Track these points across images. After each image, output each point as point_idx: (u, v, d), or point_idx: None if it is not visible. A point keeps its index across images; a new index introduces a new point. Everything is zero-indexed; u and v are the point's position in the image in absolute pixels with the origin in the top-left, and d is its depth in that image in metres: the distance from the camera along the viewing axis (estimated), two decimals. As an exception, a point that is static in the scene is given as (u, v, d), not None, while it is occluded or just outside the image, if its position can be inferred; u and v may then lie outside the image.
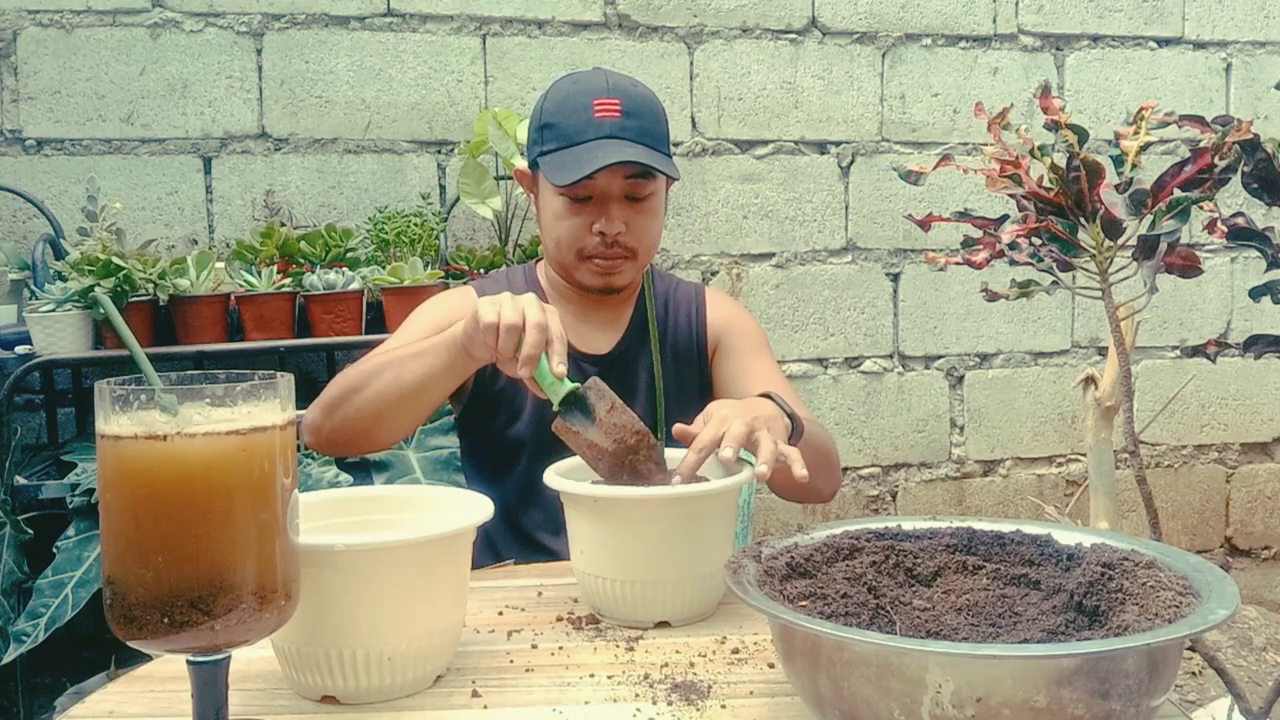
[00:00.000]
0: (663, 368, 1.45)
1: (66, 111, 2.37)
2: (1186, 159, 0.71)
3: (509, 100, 2.55)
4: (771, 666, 0.88)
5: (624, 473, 1.04)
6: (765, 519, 2.70)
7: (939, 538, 0.85)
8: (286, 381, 0.72)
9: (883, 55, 2.76)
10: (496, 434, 1.42)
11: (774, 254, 2.74)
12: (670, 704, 0.80)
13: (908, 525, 0.88)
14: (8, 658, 1.87)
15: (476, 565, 0.98)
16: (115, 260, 1.98)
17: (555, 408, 1.04)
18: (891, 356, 2.82)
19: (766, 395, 1.21)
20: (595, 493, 0.99)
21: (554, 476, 1.03)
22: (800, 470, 1.01)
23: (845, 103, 2.74)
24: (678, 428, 1.08)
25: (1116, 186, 0.73)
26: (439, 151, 2.55)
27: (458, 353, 1.15)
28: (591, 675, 0.87)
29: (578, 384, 1.05)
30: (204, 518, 0.66)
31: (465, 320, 1.13)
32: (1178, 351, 2.98)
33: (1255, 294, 0.70)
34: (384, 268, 2.20)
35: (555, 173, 1.32)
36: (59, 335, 2.03)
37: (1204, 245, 2.81)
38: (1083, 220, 0.75)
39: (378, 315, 2.19)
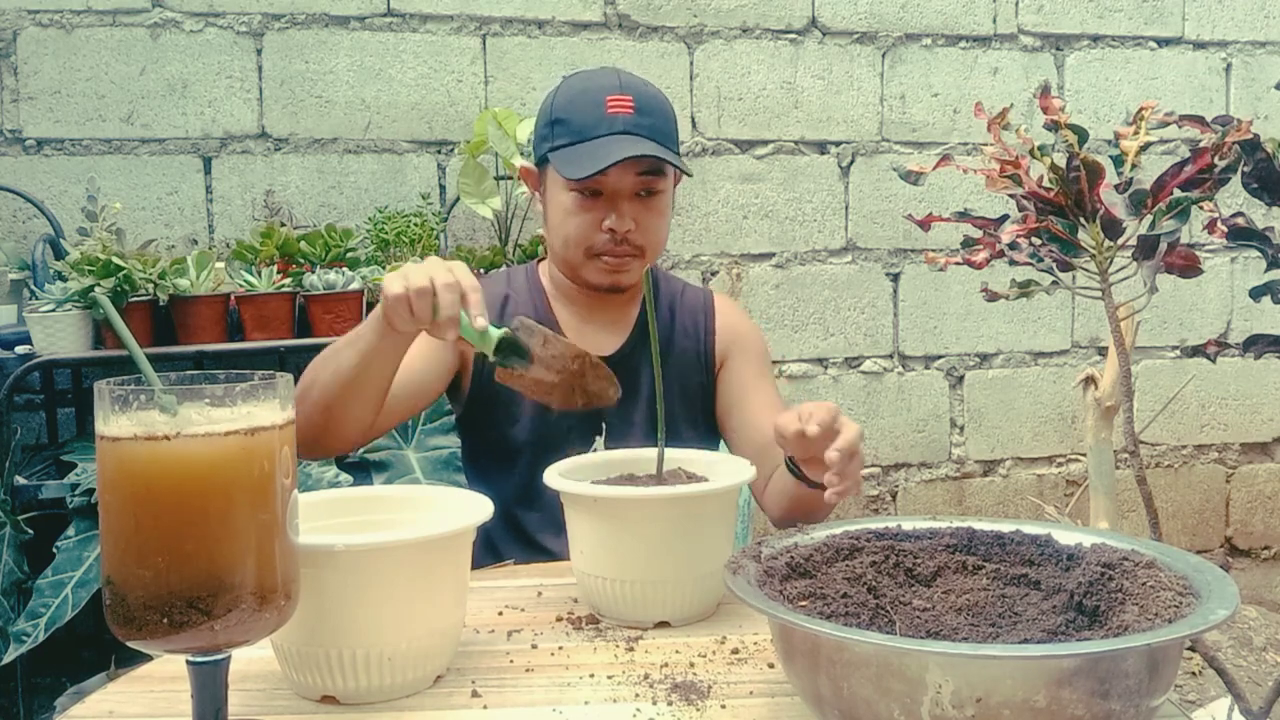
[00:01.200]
0: (665, 370, 1.45)
1: (66, 111, 2.37)
2: (1186, 159, 0.71)
3: (509, 100, 2.55)
4: (771, 666, 0.88)
5: (578, 398, 1.05)
6: (765, 519, 2.70)
7: (939, 538, 0.85)
8: (286, 381, 0.71)
9: (883, 55, 2.76)
10: (496, 434, 1.42)
11: (774, 254, 2.74)
12: (670, 704, 0.80)
13: (908, 525, 0.88)
14: (8, 658, 1.87)
15: (476, 565, 0.98)
16: (115, 260, 1.98)
17: (491, 358, 1.04)
18: (891, 356, 2.82)
19: None
20: (595, 493, 0.99)
21: (554, 476, 1.03)
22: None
23: (845, 103, 2.74)
24: (780, 427, 1.08)
25: (1116, 186, 0.73)
26: (439, 151, 2.55)
27: (385, 331, 1.13)
28: (591, 675, 0.87)
29: (505, 328, 1.04)
30: (203, 518, 0.66)
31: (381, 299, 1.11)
32: (1178, 351, 2.98)
33: (1255, 294, 0.70)
34: (384, 268, 2.20)
35: (568, 166, 1.31)
36: (59, 335, 2.03)
37: (1204, 245, 2.82)
38: (1083, 220, 0.75)
39: (378, 315, 2.19)
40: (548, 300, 1.48)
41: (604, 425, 1.40)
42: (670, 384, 1.44)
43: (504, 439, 1.42)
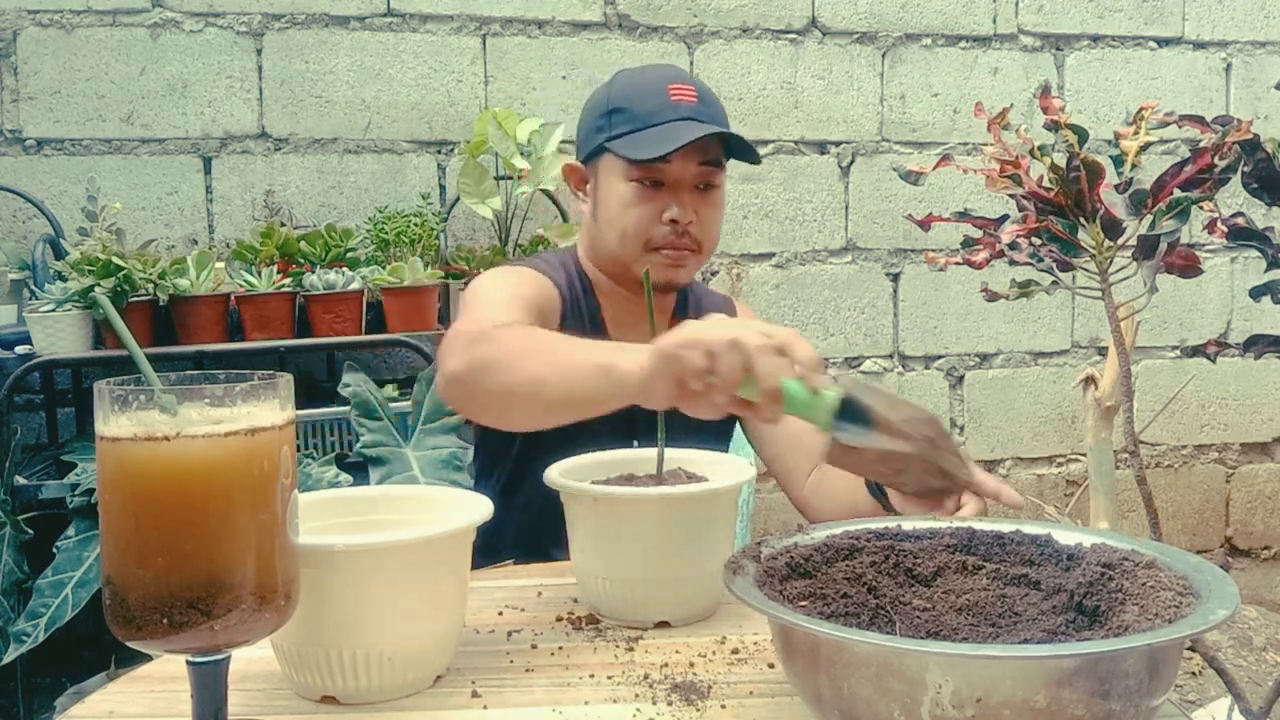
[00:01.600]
0: None
1: (66, 111, 2.37)
2: (1186, 159, 0.71)
3: (509, 100, 2.55)
4: (771, 666, 0.88)
5: (933, 478, 0.84)
6: (765, 519, 2.70)
7: (939, 538, 0.85)
8: (286, 381, 0.71)
9: (883, 55, 2.76)
10: (520, 444, 1.39)
11: (774, 254, 2.74)
12: (670, 704, 0.80)
13: (908, 525, 0.88)
14: (8, 658, 1.87)
15: (476, 566, 0.98)
16: (115, 260, 1.98)
17: (824, 428, 0.80)
18: (891, 356, 2.82)
19: None
20: (595, 492, 0.99)
21: (555, 476, 1.03)
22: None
23: (845, 103, 2.74)
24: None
25: (1116, 186, 0.73)
26: (439, 151, 2.55)
27: (625, 392, 0.89)
28: (591, 675, 0.87)
29: (843, 389, 0.80)
30: (203, 518, 0.66)
31: (648, 358, 0.86)
32: (1178, 351, 2.98)
33: (1255, 294, 0.70)
34: (384, 268, 2.20)
35: (636, 149, 1.28)
36: (59, 335, 2.03)
37: (1204, 245, 2.81)
38: (1083, 220, 0.75)
39: (378, 315, 2.19)
40: (595, 296, 1.43)
41: (635, 442, 1.37)
42: None
43: (526, 450, 1.38)
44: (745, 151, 1.35)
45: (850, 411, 0.79)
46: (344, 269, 2.18)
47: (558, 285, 1.38)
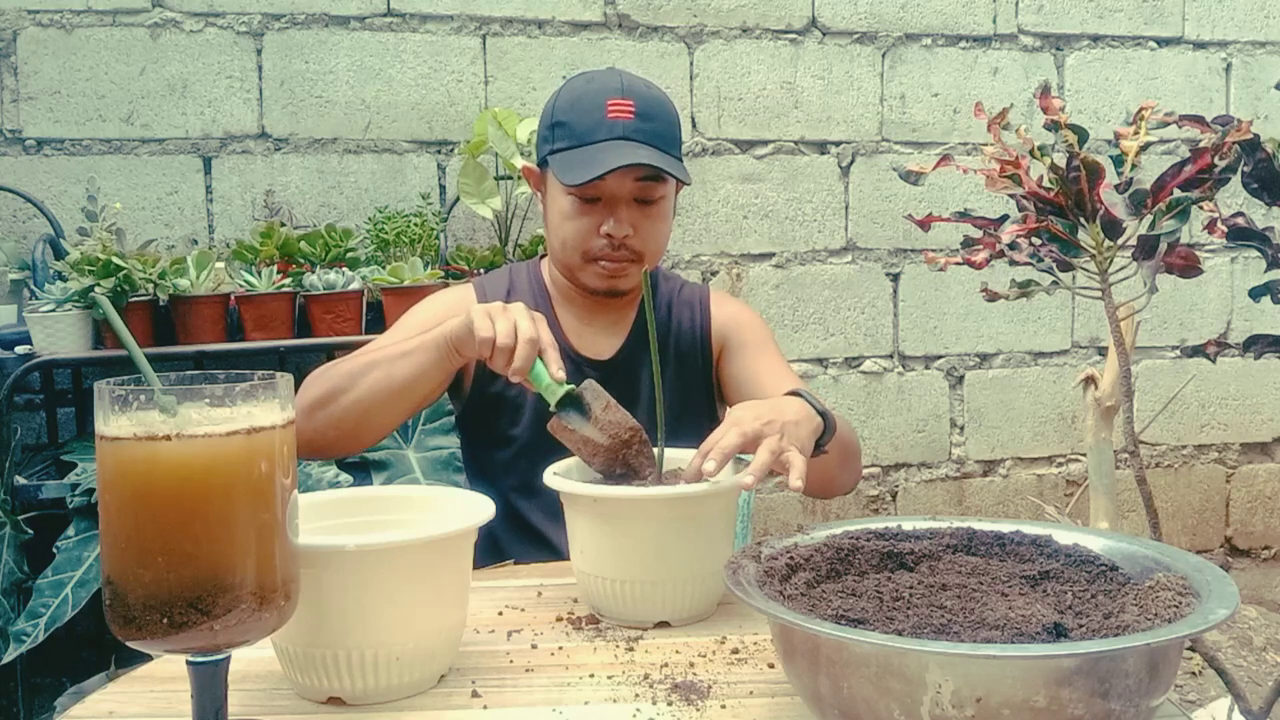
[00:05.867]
0: (666, 371, 1.44)
1: (66, 111, 2.37)
2: (1186, 159, 0.71)
3: (509, 100, 2.55)
4: (771, 666, 0.88)
5: (618, 467, 1.07)
6: (765, 519, 2.70)
7: (939, 538, 0.85)
8: (286, 382, 0.71)
9: (883, 55, 2.76)
10: (498, 432, 1.42)
11: (774, 254, 2.74)
12: (670, 704, 0.80)
13: (908, 525, 0.88)
14: (8, 658, 1.87)
15: (479, 563, 0.98)
16: (115, 260, 1.98)
17: (551, 408, 1.07)
18: (891, 356, 2.82)
19: (795, 393, 1.16)
20: (595, 493, 0.99)
21: (553, 477, 1.03)
22: (796, 482, 0.98)
23: (845, 103, 2.74)
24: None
25: (1116, 186, 0.73)
26: (439, 151, 2.55)
27: (447, 351, 1.17)
28: (591, 675, 0.87)
29: (573, 385, 1.07)
30: (203, 518, 0.66)
31: (457, 322, 1.15)
32: (1178, 351, 2.98)
33: (1255, 294, 0.70)
34: (384, 268, 2.20)
35: (566, 172, 1.31)
36: (59, 335, 2.03)
37: (1204, 245, 2.82)
38: (1083, 220, 0.75)
39: (378, 315, 2.19)
40: (550, 299, 1.47)
41: None
42: (672, 381, 1.44)
43: (505, 436, 1.42)
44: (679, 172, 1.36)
45: (574, 403, 1.07)
46: (344, 269, 2.18)
47: (488, 301, 1.43)
